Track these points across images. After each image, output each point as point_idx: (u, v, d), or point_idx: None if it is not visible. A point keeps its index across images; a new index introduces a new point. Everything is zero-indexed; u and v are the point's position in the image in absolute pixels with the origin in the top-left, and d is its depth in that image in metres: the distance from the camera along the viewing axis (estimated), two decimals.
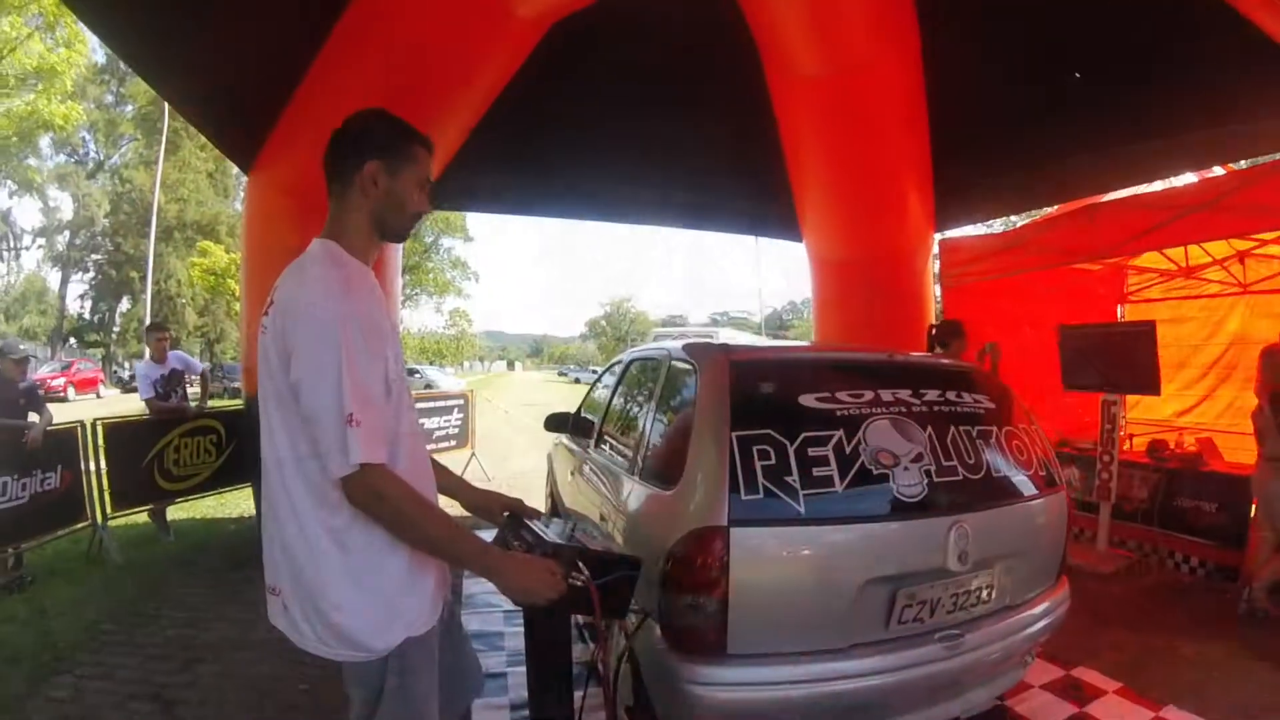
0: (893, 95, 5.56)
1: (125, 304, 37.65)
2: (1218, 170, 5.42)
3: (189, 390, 6.23)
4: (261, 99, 4.88)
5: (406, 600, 1.42)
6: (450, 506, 1.58)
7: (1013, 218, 14.27)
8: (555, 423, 4.24)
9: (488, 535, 1.62)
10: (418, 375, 30.16)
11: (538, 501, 6.71)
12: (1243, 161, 5.41)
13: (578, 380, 48.20)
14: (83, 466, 5.15)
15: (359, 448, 1.28)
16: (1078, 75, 4.96)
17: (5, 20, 18.08)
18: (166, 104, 19.73)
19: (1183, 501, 4.95)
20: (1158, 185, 5.47)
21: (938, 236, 7.01)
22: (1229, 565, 4.57)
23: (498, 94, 5.37)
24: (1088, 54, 5.05)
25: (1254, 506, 4.45)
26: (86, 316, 37.75)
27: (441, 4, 4.57)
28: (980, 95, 5.66)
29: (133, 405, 5.95)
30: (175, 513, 6.07)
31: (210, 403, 6.69)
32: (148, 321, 26.99)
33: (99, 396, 24.68)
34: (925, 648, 2.10)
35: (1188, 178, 5.34)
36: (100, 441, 5.31)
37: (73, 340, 37.21)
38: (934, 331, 4.68)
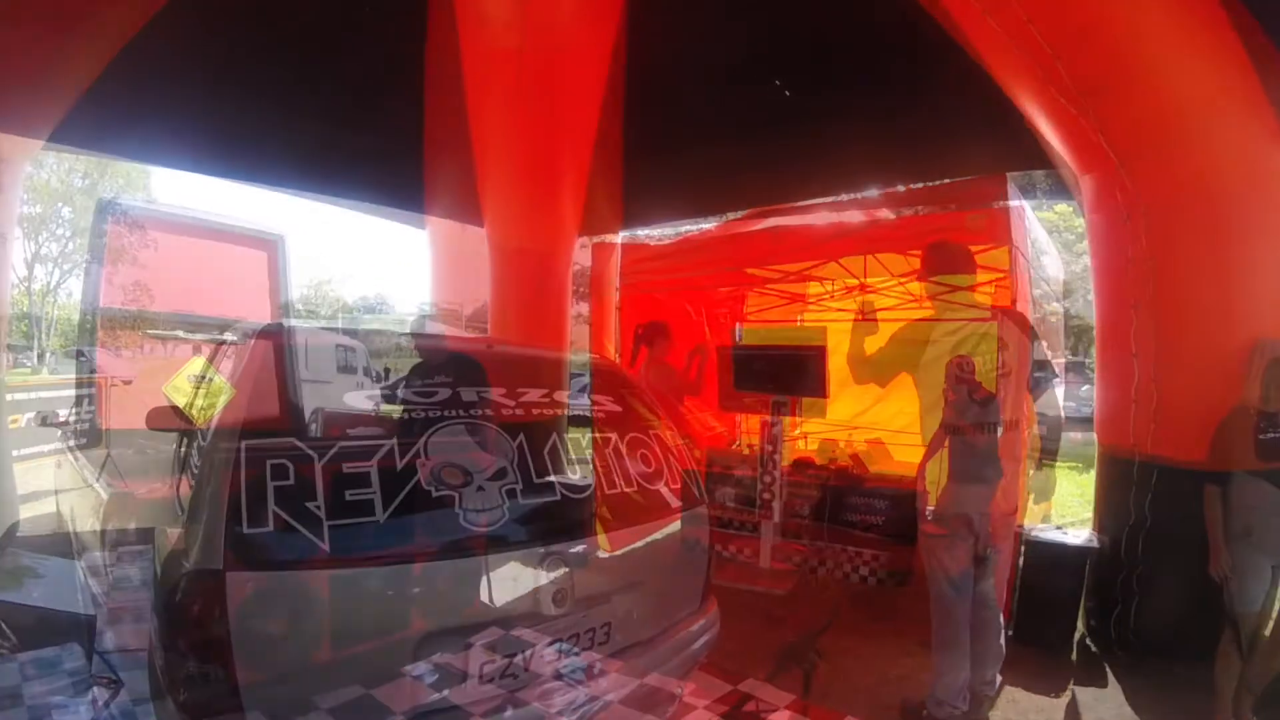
0: (587, 81, 5.43)
1: None
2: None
3: None
4: None
5: None
6: None
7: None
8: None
9: None
10: None
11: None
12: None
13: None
14: None
15: None
16: (779, 83, 5.12)
17: None
18: None
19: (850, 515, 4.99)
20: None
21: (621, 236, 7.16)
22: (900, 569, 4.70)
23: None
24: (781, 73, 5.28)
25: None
26: None
27: None
28: (676, 99, 5.66)
29: None
30: None
31: None
32: None
33: None
34: (524, 709, 1.67)
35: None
36: None
37: None
38: (640, 331, 4.55)
